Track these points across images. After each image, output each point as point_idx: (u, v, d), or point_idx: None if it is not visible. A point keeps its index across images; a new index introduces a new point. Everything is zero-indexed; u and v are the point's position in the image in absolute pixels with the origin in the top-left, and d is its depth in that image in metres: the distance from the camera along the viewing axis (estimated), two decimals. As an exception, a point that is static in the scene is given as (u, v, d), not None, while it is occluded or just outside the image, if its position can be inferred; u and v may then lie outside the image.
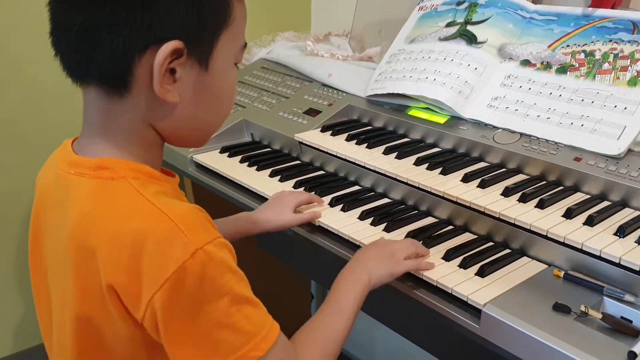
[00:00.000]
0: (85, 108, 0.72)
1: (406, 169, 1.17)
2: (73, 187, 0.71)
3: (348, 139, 1.33)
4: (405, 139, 1.32)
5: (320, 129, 1.39)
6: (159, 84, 0.67)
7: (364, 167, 1.23)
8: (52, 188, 0.75)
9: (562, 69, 1.19)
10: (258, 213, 1.12)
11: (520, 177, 1.12)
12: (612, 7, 1.21)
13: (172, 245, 0.64)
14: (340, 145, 1.30)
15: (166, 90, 0.68)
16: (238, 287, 0.68)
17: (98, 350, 0.71)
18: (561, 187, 1.07)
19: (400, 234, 1.05)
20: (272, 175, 1.30)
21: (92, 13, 0.65)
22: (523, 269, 0.94)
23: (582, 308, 0.81)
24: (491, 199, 1.04)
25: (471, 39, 1.32)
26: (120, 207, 0.68)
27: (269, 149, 1.46)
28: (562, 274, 0.91)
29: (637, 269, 0.84)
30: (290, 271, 1.87)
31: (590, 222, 0.94)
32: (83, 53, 0.67)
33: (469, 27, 1.34)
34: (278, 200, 1.14)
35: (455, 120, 1.27)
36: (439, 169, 1.15)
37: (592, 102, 1.12)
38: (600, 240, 0.90)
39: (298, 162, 1.38)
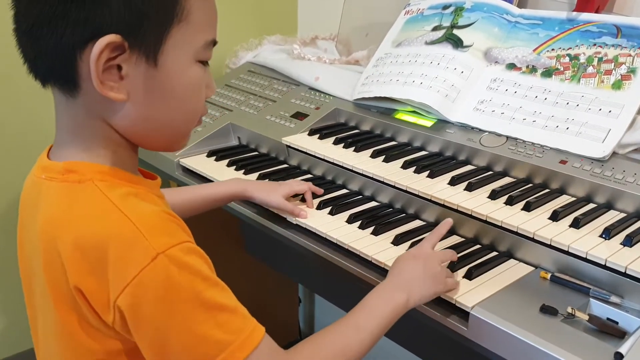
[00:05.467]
0: (55, 110, 0.72)
1: (393, 172, 1.17)
2: (43, 191, 0.70)
3: (335, 143, 1.33)
4: (393, 142, 1.32)
5: (307, 132, 1.39)
6: (98, 80, 0.64)
7: (351, 170, 1.23)
8: (28, 194, 0.75)
9: (547, 73, 1.20)
10: (252, 182, 1.20)
11: (506, 180, 1.13)
12: (596, 12, 1.22)
13: (133, 249, 0.63)
14: (327, 149, 1.30)
15: (109, 87, 0.65)
16: (208, 292, 0.65)
17: None
18: (547, 190, 1.08)
19: (387, 237, 1.05)
20: (259, 179, 1.29)
21: (34, 10, 0.64)
22: (510, 271, 0.95)
23: (569, 310, 0.82)
24: (478, 202, 1.04)
25: (457, 43, 1.33)
26: (85, 211, 0.67)
27: (256, 153, 1.46)
28: (549, 275, 0.91)
29: (623, 271, 0.85)
30: (277, 275, 1.87)
31: (576, 224, 0.95)
32: (32, 51, 0.66)
33: (455, 31, 1.35)
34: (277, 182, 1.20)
35: (442, 123, 1.27)
36: (426, 172, 1.15)
37: (577, 105, 1.13)
38: (586, 242, 0.91)
39: (285, 165, 1.38)
